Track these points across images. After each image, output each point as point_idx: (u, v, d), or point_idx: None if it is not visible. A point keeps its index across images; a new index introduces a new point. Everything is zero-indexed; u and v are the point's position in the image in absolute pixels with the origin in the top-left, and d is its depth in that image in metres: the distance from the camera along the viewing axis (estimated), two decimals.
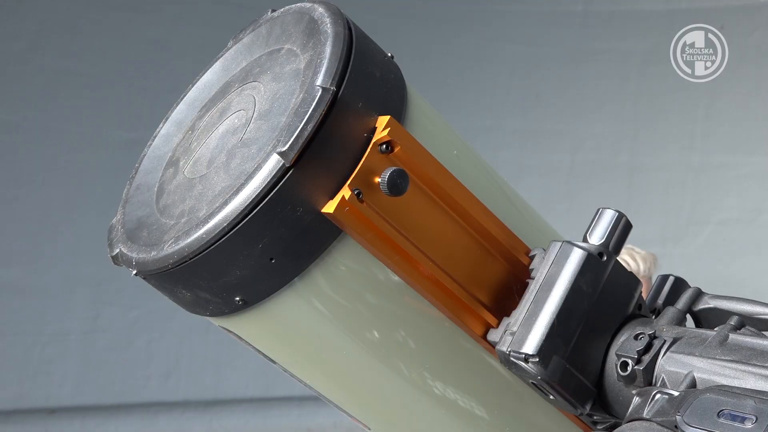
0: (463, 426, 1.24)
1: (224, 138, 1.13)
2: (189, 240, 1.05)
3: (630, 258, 2.97)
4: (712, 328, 1.08)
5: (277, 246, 1.04)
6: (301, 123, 1.02)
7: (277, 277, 1.07)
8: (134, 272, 1.12)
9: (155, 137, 1.25)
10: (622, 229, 1.13)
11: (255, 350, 1.22)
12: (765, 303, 1.12)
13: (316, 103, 1.03)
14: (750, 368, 0.97)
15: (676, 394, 1.00)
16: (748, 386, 0.96)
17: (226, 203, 1.03)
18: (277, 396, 4.51)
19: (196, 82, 1.26)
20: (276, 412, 4.57)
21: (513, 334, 1.08)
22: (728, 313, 1.12)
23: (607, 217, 1.14)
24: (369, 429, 1.30)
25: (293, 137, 1.01)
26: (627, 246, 1.15)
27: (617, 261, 1.12)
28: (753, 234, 4.74)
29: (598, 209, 1.16)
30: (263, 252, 1.04)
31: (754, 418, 0.90)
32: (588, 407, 1.10)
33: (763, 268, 4.63)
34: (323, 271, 1.08)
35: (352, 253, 1.08)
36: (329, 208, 1.03)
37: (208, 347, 4.50)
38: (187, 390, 4.59)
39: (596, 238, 1.12)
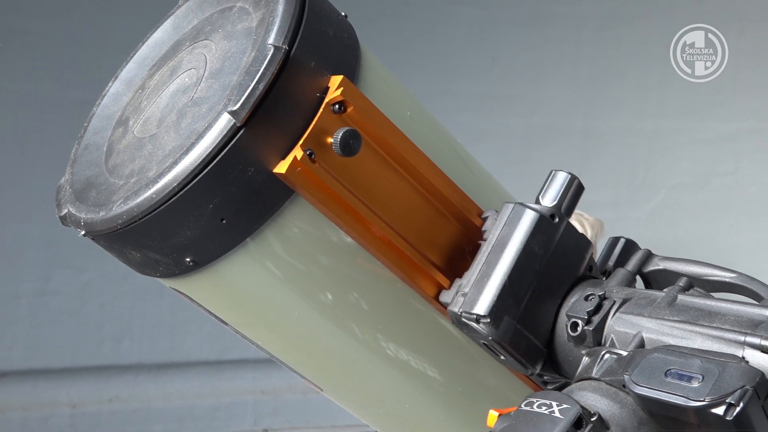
0: (416, 386, 1.25)
1: (175, 97, 1.12)
2: (138, 200, 1.04)
3: (578, 224, 2.99)
4: (661, 289, 1.10)
5: (228, 206, 1.03)
6: (252, 82, 1.01)
7: (228, 238, 1.06)
8: (83, 233, 1.11)
9: (104, 96, 1.23)
10: (574, 192, 1.14)
11: (207, 312, 1.21)
12: (713, 265, 1.13)
13: (268, 61, 1.01)
14: (697, 328, 0.99)
15: (624, 354, 1.01)
16: (696, 346, 0.97)
17: (176, 163, 1.02)
18: (231, 359, 4.50)
19: (146, 41, 1.24)
20: (230, 374, 4.57)
21: (465, 295, 1.09)
22: (677, 275, 1.13)
23: (560, 180, 1.14)
24: (321, 390, 1.31)
25: (244, 96, 1.00)
26: (576, 211, 1.16)
27: (569, 223, 1.12)
28: (704, 198, 4.80)
29: (551, 171, 1.16)
30: (214, 212, 1.03)
31: (701, 378, 0.91)
32: (538, 367, 1.11)
33: (714, 232, 4.70)
34: (276, 232, 1.08)
35: (305, 215, 1.08)
36: (281, 168, 1.02)
37: (162, 310, 4.48)
38: (140, 353, 4.57)
39: (549, 200, 1.12)
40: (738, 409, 0.88)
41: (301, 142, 1.03)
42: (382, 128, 1.08)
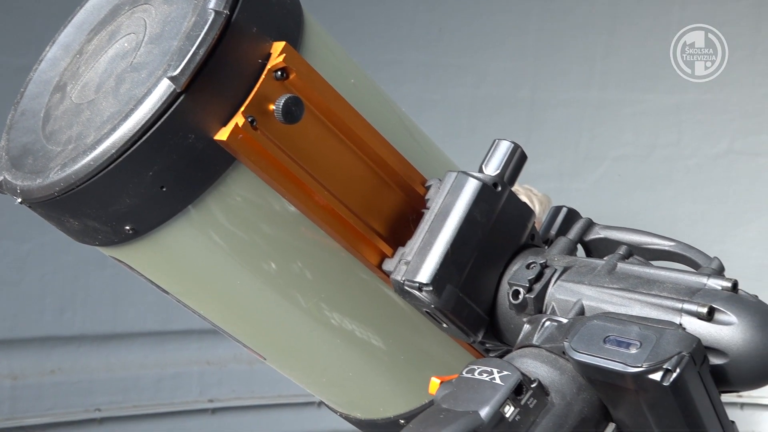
0: (359, 354, 1.25)
1: (113, 62, 1.09)
2: (76, 167, 1.02)
3: (527, 198, 3.01)
4: (601, 257, 1.11)
5: (168, 174, 1.02)
6: (192, 47, 0.99)
7: (169, 206, 1.05)
8: (19, 200, 1.08)
9: (41, 61, 1.20)
10: (517, 160, 1.14)
11: (148, 281, 1.20)
12: (652, 233, 1.15)
13: (209, 26, 1.00)
14: (636, 296, 1.00)
15: (564, 321, 1.02)
16: (634, 313, 0.98)
17: (114, 129, 1.00)
18: (175, 329, 4.47)
19: (84, 5, 1.21)
20: (175, 345, 4.54)
21: (407, 263, 1.09)
22: (617, 243, 1.14)
23: (503, 148, 1.14)
24: (265, 359, 1.30)
25: (185, 61, 0.98)
26: (525, 186, 1.16)
27: (512, 192, 1.13)
28: (647, 169, 4.86)
29: (494, 140, 1.17)
30: (153, 180, 1.02)
31: (639, 344, 0.92)
32: (480, 335, 1.11)
33: (656, 202, 4.76)
34: (218, 201, 1.07)
35: (247, 183, 1.07)
36: (222, 135, 1.01)
37: (105, 281, 4.42)
38: (83, 324, 4.51)
39: (492, 168, 1.13)
40: (674, 374, 0.89)
41: (242, 108, 1.01)
42: (325, 96, 1.07)
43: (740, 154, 4.75)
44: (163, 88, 0.99)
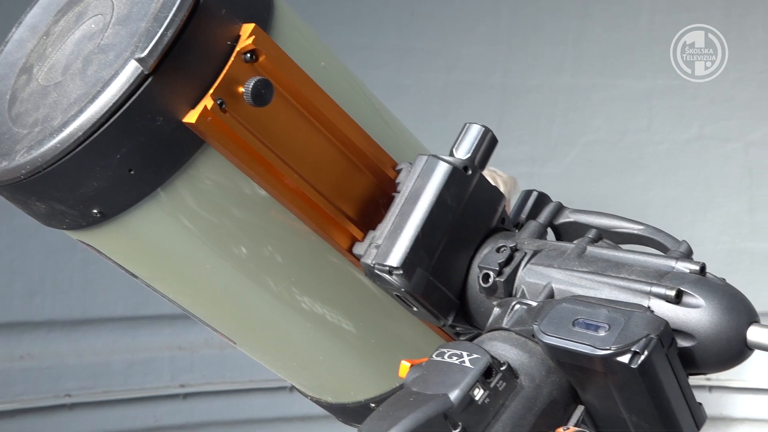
0: (330, 338, 1.25)
1: (81, 44, 1.08)
2: (42, 149, 1.01)
3: (492, 180, 3.01)
4: (571, 241, 1.11)
5: (136, 157, 1.01)
6: (160, 29, 0.98)
7: (137, 189, 1.04)
8: None
9: (7, 42, 1.18)
10: (488, 144, 1.14)
11: (116, 265, 1.19)
12: (622, 217, 1.15)
13: (177, 8, 0.99)
14: (605, 279, 1.00)
15: (534, 304, 1.02)
16: (603, 296, 0.99)
17: (81, 111, 0.99)
18: (146, 315, 4.45)
19: None
20: (146, 330, 4.52)
21: (378, 247, 1.09)
22: (587, 227, 1.14)
23: (474, 132, 1.14)
24: (235, 343, 1.30)
25: (152, 43, 0.97)
26: (490, 168, 1.16)
27: (482, 175, 1.13)
28: (618, 155, 4.88)
29: (465, 124, 1.16)
30: (121, 163, 1.01)
31: (607, 327, 0.93)
32: (450, 319, 1.12)
33: (627, 187, 4.79)
34: (187, 184, 1.06)
35: (217, 166, 1.06)
36: (191, 117, 1.00)
37: (75, 266, 4.39)
38: (52, 309, 4.48)
39: (462, 152, 1.13)
40: (642, 357, 0.90)
41: (211, 91, 1.00)
42: (295, 78, 1.07)
43: (710, 139, 4.79)
44: (131, 70, 0.98)
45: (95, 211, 1.05)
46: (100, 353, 4.47)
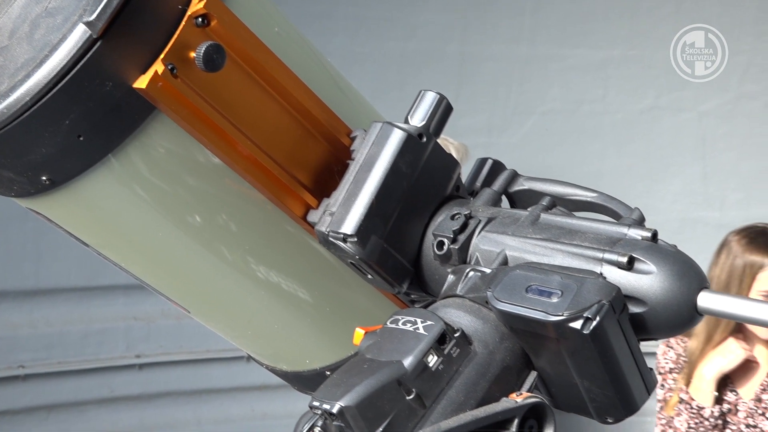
0: (285, 307, 1.25)
1: (27, 7, 1.06)
2: None
3: (443, 148, 3.01)
4: (525, 208, 1.11)
5: (86, 122, 0.99)
6: None
7: (87, 156, 1.02)
8: None
9: None
10: (442, 112, 1.14)
11: (67, 233, 1.18)
12: (575, 184, 1.16)
13: None
14: (558, 246, 1.01)
15: (488, 271, 1.02)
16: (556, 263, 0.99)
17: (28, 76, 0.98)
18: (101, 285, 4.41)
19: None
20: (100, 301, 4.48)
21: (332, 214, 1.08)
22: (541, 194, 1.15)
23: (429, 100, 1.14)
24: (189, 312, 1.29)
25: (101, 6, 0.95)
26: (441, 136, 1.16)
27: (437, 143, 1.13)
28: (574, 124, 4.91)
29: (420, 91, 1.16)
30: (70, 129, 0.99)
31: (560, 293, 0.93)
32: (405, 286, 1.12)
33: (583, 156, 4.82)
34: (139, 151, 1.05)
35: (170, 134, 1.05)
36: (141, 83, 0.99)
37: (26, 235, 4.33)
38: (4, 280, 4.41)
39: (417, 119, 1.12)
40: (594, 322, 0.91)
41: (162, 56, 0.99)
42: (248, 43, 1.05)
43: (664, 109, 4.83)
44: (79, 34, 0.96)
45: (44, 178, 1.03)
46: (54, 324, 4.43)
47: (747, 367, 3.30)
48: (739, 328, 3.32)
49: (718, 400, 3.29)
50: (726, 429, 3.27)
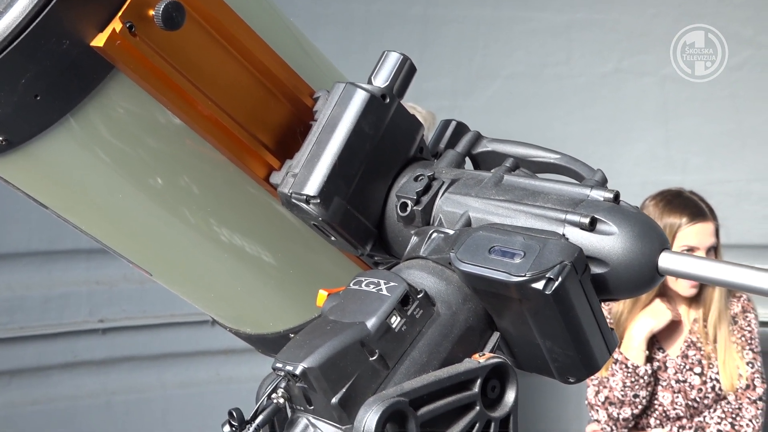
0: (248, 269, 1.24)
1: None
2: None
3: None
4: (489, 170, 1.11)
5: (42, 81, 0.97)
6: None
7: (44, 116, 1.00)
8: None
9: None
10: (406, 73, 1.13)
11: (26, 195, 1.16)
12: (539, 146, 1.16)
13: None
14: (521, 207, 1.01)
15: (451, 232, 1.02)
16: (519, 224, 0.99)
17: None
18: (62, 249, 4.36)
19: None
20: (62, 265, 4.43)
21: (295, 176, 1.08)
22: (504, 156, 1.15)
23: (392, 60, 1.13)
24: (151, 275, 1.28)
25: None
26: (408, 104, 1.15)
27: (400, 104, 1.12)
28: (539, 88, 4.91)
29: (384, 52, 1.15)
30: (26, 88, 0.97)
31: (523, 254, 0.94)
32: (369, 248, 1.12)
33: (547, 120, 4.82)
34: (99, 112, 1.03)
35: (130, 94, 1.03)
36: (99, 41, 0.97)
37: None
38: None
39: (381, 80, 1.11)
40: (556, 283, 0.91)
41: (120, 13, 0.97)
42: (208, 2, 1.04)
43: (627, 73, 4.84)
44: None
45: (0, 138, 1.01)
46: (15, 289, 4.37)
47: (672, 326, 3.47)
48: (663, 290, 3.45)
49: (649, 359, 3.43)
50: (657, 385, 3.41)
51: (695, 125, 4.69)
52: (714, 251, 3.43)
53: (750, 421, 3.30)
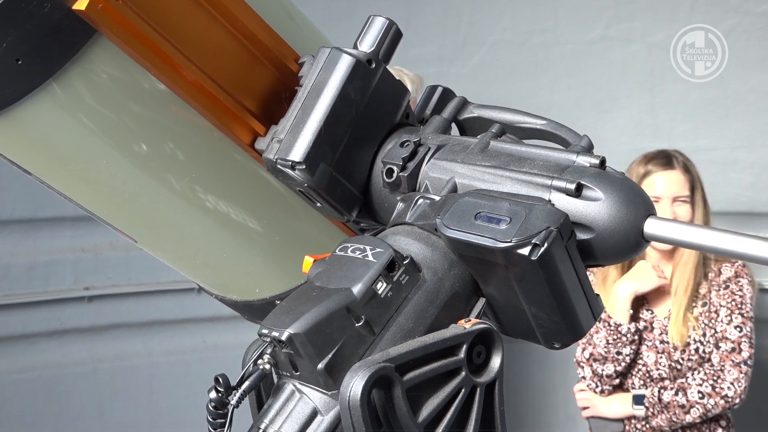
0: (234, 236, 1.24)
1: None
2: None
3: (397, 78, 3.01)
4: (475, 136, 1.11)
5: (24, 45, 0.96)
6: None
7: (26, 80, 0.99)
8: None
9: None
10: (392, 37, 1.12)
11: (8, 161, 1.15)
12: (525, 112, 1.15)
13: None
14: (507, 173, 1.00)
15: (437, 198, 1.02)
16: (505, 190, 0.99)
17: None
18: (47, 216, 4.34)
19: None
20: (47, 233, 4.41)
21: (280, 141, 1.07)
22: (490, 122, 1.14)
23: (378, 25, 1.12)
24: (136, 241, 1.27)
25: None
26: (395, 67, 1.15)
27: (386, 69, 1.11)
28: (524, 55, 4.89)
29: (369, 17, 1.14)
30: (8, 52, 0.96)
31: (509, 220, 0.93)
32: (354, 214, 1.11)
33: (533, 88, 4.81)
34: (82, 77, 1.02)
35: (113, 59, 1.02)
36: (81, 4, 0.96)
37: None
38: None
39: (366, 45, 1.10)
40: (542, 249, 0.91)
41: None
42: None
43: (614, 40, 4.82)
44: None
45: None
46: (0, 256, 4.36)
47: (661, 288, 3.49)
48: None
49: (634, 318, 3.50)
50: (642, 345, 3.46)
51: (681, 92, 4.69)
52: (689, 204, 3.48)
53: (731, 384, 3.33)
